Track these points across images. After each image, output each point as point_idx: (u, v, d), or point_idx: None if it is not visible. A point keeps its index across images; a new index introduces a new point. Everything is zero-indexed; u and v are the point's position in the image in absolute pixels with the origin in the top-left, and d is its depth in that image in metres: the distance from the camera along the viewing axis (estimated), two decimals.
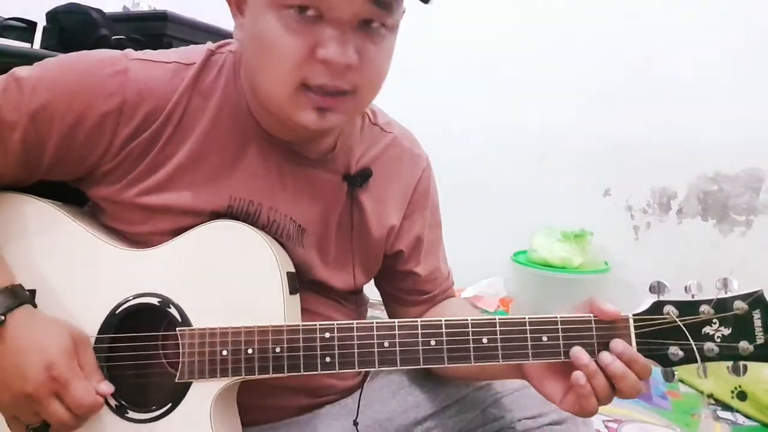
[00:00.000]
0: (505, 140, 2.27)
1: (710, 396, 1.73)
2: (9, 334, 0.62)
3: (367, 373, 0.90)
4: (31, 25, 1.31)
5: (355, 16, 0.60)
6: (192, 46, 0.76)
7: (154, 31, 1.42)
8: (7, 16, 1.28)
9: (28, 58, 1.17)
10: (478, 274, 2.25)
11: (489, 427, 0.79)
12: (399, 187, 0.84)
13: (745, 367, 0.62)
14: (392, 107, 0.95)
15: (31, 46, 1.30)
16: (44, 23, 1.37)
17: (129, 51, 0.71)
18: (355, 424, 0.80)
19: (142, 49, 0.75)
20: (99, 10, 1.37)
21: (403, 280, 0.88)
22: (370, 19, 0.62)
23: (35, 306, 0.67)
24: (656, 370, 0.63)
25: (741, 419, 1.63)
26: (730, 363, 0.62)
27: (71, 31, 1.34)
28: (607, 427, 1.56)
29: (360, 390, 0.83)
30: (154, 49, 0.76)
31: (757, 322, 0.61)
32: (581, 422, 0.77)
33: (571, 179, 2.21)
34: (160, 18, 1.43)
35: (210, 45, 0.75)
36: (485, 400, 0.81)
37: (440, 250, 0.91)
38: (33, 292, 0.68)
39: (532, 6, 2.19)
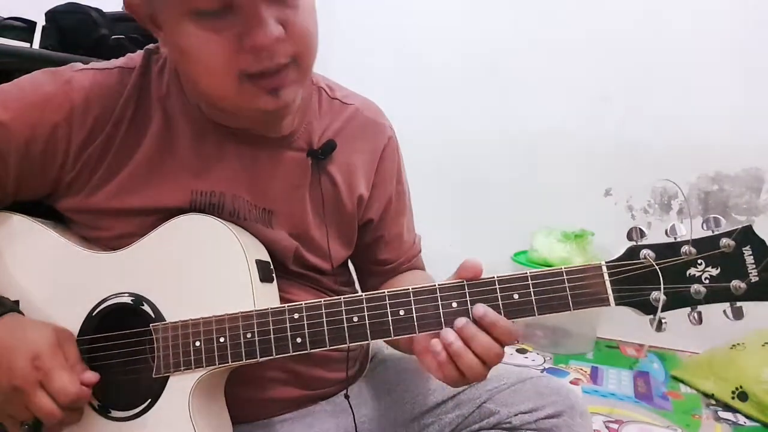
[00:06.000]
0: (506, 140, 2.26)
1: (711, 396, 1.72)
2: None
3: (363, 365, 0.90)
4: (31, 25, 1.31)
5: None
6: (137, 52, 0.77)
7: None
8: (6, 16, 1.29)
9: (27, 58, 1.18)
10: None
11: (486, 423, 0.79)
12: (365, 157, 0.84)
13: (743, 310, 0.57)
14: (393, 107, 0.95)
15: (31, 45, 1.30)
16: (43, 23, 1.37)
17: (74, 63, 0.74)
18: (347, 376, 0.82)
19: (141, 49, 0.77)
20: (98, 10, 1.37)
21: (371, 249, 0.88)
22: None
23: (21, 314, 0.69)
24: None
25: (742, 420, 1.62)
26: (727, 306, 0.58)
27: (70, 30, 1.35)
28: (607, 427, 1.55)
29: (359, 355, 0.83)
30: None
31: (749, 259, 0.57)
32: (578, 414, 0.77)
33: (571, 179, 2.21)
34: None
35: (149, 46, 0.76)
36: (481, 396, 0.80)
37: (406, 219, 0.92)
38: (16, 302, 0.70)
39: (534, 5, 2.19)
